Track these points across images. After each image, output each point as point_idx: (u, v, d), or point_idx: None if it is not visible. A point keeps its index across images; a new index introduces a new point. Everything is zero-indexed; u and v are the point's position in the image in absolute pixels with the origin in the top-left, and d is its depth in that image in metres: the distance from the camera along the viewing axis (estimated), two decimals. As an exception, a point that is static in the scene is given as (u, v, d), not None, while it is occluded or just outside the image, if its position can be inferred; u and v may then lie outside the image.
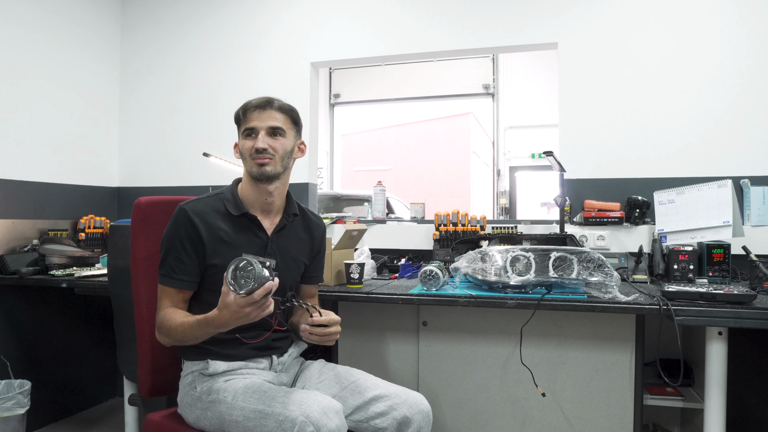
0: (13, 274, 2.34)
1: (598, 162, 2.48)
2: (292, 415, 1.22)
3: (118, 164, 3.23)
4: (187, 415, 1.42)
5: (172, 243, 1.39)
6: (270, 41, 2.98)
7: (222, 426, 1.33)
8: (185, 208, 1.40)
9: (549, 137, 4.21)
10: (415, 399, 1.42)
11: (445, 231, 2.45)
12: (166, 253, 1.40)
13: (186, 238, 1.38)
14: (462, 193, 7.57)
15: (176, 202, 1.58)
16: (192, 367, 1.43)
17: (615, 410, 1.73)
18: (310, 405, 1.23)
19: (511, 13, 2.63)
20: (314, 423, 1.20)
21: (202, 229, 1.39)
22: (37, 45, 2.71)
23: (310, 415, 1.21)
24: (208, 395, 1.36)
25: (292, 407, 1.23)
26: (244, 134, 1.45)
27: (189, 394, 1.41)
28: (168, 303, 1.39)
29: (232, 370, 1.41)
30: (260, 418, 1.26)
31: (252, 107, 1.44)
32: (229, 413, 1.30)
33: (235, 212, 1.44)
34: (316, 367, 1.56)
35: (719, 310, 1.51)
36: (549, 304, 1.64)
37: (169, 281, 1.39)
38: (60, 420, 2.74)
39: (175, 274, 1.38)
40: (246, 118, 1.45)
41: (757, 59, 2.32)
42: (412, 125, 8.32)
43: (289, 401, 1.25)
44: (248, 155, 1.43)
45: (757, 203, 2.24)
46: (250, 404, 1.29)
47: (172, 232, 1.39)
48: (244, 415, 1.28)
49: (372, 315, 1.96)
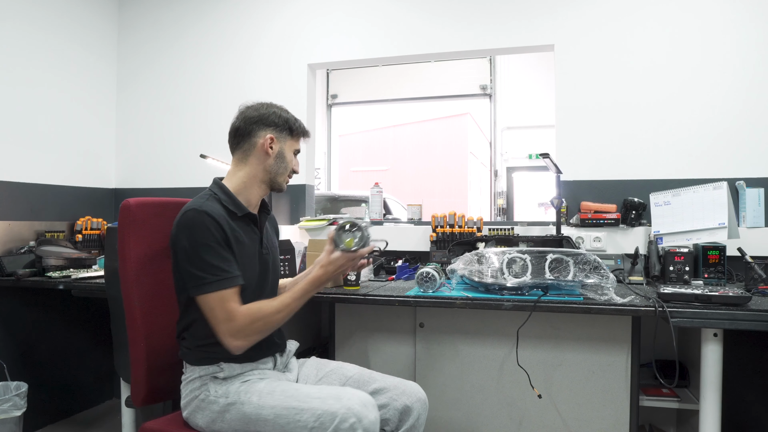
0: (10, 276, 2.34)
1: (595, 163, 2.49)
2: (331, 408, 1.28)
3: (115, 166, 3.23)
4: (196, 419, 1.40)
5: (209, 246, 1.34)
6: (267, 43, 2.98)
7: (246, 427, 1.34)
8: (205, 211, 1.35)
9: (546, 138, 4.21)
10: (413, 388, 1.51)
11: (442, 232, 2.45)
12: (207, 258, 1.33)
13: (220, 238, 1.36)
14: (459, 193, 7.58)
15: (166, 204, 1.57)
16: (200, 372, 1.41)
17: (611, 411, 1.74)
18: (350, 398, 1.30)
19: (508, 15, 2.64)
20: (356, 414, 1.27)
21: (227, 229, 1.38)
22: (34, 45, 2.71)
23: (352, 407, 1.28)
24: (225, 398, 1.36)
25: (330, 401, 1.30)
26: (294, 152, 1.57)
27: (199, 399, 1.39)
28: (236, 304, 1.34)
29: (244, 372, 1.43)
30: (294, 414, 1.30)
31: (306, 134, 1.59)
32: (257, 413, 1.33)
33: (239, 212, 1.45)
34: (313, 364, 1.62)
35: (714, 311, 1.52)
36: (545, 306, 1.64)
37: (228, 282, 1.34)
38: (57, 422, 2.74)
39: (228, 273, 1.34)
40: (299, 138, 1.57)
41: (753, 62, 2.33)
42: (409, 126, 8.32)
43: (326, 396, 1.32)
44: (287, 171, 1.55)
45: (753, 205, 2.25)
46: (281, 402, 1.33)
47: (204, 236, 1.33)
48: (275, 413, 1.31)
49: (369, 317, 1.96)
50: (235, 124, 1.52)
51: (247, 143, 1.50)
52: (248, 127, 1.50)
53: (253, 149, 1.50)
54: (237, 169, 1.51)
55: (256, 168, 1.50)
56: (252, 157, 1.50)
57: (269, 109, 1.53)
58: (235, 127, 1.52)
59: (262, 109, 1.52)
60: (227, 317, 1.32)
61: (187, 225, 1.34)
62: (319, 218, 2.73)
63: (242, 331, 1.33)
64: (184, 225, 1.35)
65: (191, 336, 1.43)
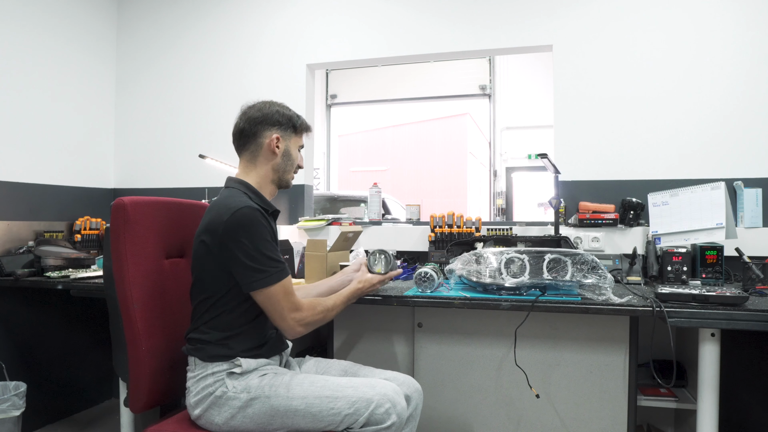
0: (9, 276, 2.34)
1: (593, 164, 2.49)
2: (366, 395, 1.36)
3: (114, 166, 3.23)
4: (211, 416, 1.39)
5: (267, 241, 1.40)
6: (266, 43, 2.98)
7: (271, 420, 1.37)
8: (255, 208, 1.40)
9: (545, 138, 4.22)
10: (410, 380, 1.59)
11: (441, 233, 2.45)
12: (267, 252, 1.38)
13: (271, 233, 1.43)
14: (459, 193, 7.58)
15: (162, 203, 1.56)
16: (213, 368, 1.40)
17: (609, 411, 1.74)
18: (384, 386, 1.39)
19: (507, 15, 2.64)
20: (391, 400, 1.36)
21: (273, 226, 1.48)
22: (33, 46, 2.71)
23: (387, 394, 1.37)
24: (247, 393, 1.37)
25: (364, 389, 1.38)
26: (299, 148, 1.61)
27: (214, 395, 1.39)
28: (296, 295, 1.45)
29: (259, 367, 1.44)
30: (328, 403, 1.36)
31: (309, 129, 1.63)
32: (286, 405, 1.37)
33: (269, 209, 1.50)
34: (312, 362, 1.67)
35: (712, 311, 1.52)
36: (543, 306, 1.64)
37: (285, 272, 1.42)
38: (56, 422, 2.74)
39: (284, 265, 1.43)
40: (302, 134, 1.61)
41: (751, 62, 2.33)
42: (409, 126, 8.33)
43: (359, 384, 1.40)
44: (294, 167, 1.59)
45: (750, 205, 2.25)
46: (312, 392, 1.38)
47: (262, 232, 1.39)
48: (307, 402, 1.36)
49: (367, 316, 1.97)
50: (239, 125, 1.53)
51: (253, 144, 1.52)
52: (253, 128, 1.52)
53: (260, 150, 1.52)
54: (248, 170, 1.54)
55: (265, 168, 1.54)
56: (260, 158, 1.53)
57: (271, 107, 1.54)
58: (239, 128, 1.53)
59: (265, 109, 1.53)
60: (293, 307, 1.42)
61: (243, 223, 1.36)
62: (318, 218, 2.73)
63: (306, 319, 1.44)
64: (240, 223, 1.36)
65: (214, 329, 1.42)
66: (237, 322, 1.42)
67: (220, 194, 1.50)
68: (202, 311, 1.44)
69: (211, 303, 1.42)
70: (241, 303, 1.42)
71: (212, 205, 1.45)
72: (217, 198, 1.49)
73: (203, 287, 1.43)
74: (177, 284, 1.59)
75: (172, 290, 1.57)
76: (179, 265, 1.63)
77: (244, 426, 1.38)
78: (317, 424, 1.36)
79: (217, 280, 1.41)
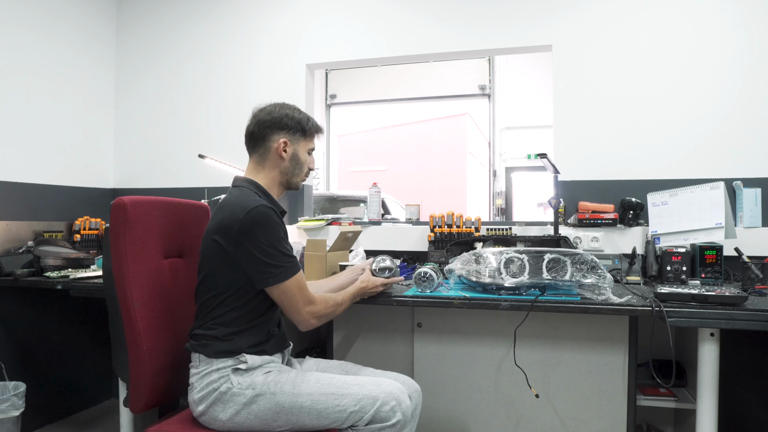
0: (8, 276, 2.33)
1: (593, 164, 2.49)
2: (372, 393, 1.38)
3: (114, 166, 3.23)
4: (215, 413, 1.39)
5: (281, 238, 1.44)
6: (265, 42, 2.98)
7: (275, 417, 1.38)
8: (269, 206, 1.43)
9: (545, 138, 4.22)
10: (409, 380, 1.61)
11: (440, 232, 2.45)
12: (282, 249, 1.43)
13: (283, 233, 1.46)
14: (458, 193, 7.58)
15: (162, 203, 1.56)
16: (218, 364, 1.41)
17: (608, 411, 1.74)
18: (389, 384, 1.42)
19: (507, 15, 2.64)
20: (396, 398, 1.39)
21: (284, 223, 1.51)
22: (32, 46, 2.71)
23: (392, 392, 1.39)
24: (252, 389, 1.39)
25: (370, 387, 1.40)
26: (309, 150, 1.62)
27: (219, 391, 1.39)
28: (308, 287, 1.48)
29: (264, 364, 1.45)
30: (333, 400, 1.37)
31: (320, 131, 1.64)
32: (292, 401, 1.38)
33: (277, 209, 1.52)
34: (312, 363, 1.67)
35: (711, 311, 1.52)
36: (543, 306, 1.64)
37: (298, 267, 1.46)
38: (55, 422, 2.74)
39: (296, 260, 1.47)
40: (312, 137, 1.62)
41: (750, 62, 2.34)
42: (408, 126, 8.33)
43: (365, 382, 1.42)
44: (303, 171, 1.61)
45: (750, 205, 2.25)
46: (318, 389, 1.39)
47: (277, 230, 1.43)
48: (313, 399, 1.38)
49: (367, 316, 1.97)
50: (250, 128, 1.57)
51: (262, 147, 1.55)
52: (262, 131, 1.54)
53: (268, 153, 1.55)
54: (256, 171, 1.56)
55: (273, 170, 1.56)
56: (269, 161, 1.55)
57: (282, 111, 1.56)
58: (249, 131, 1.57)
59: (275, 112, 1.55)
60: (307, 300, 1.47)
61: (259, 221, 1.40)
62: (318, 218, 2.73)
63: (319, 312, 1.49)
64: (257, 221, 1.39)
65: (221, 326, 1.42)
66: (244, 319, 1.44)
67: (230, 193, 1.51)
68: (209, 308, 1.44)
69: (220, 300, 1.43)
70: (251, 300, 1.44)
71: (223, 203, 1.46)
72: (227, 197, 1.50)
73: (212, 285, 1.44)
74: (177, 284, 1.59)
75: (172, 290, 1.57)
76: (179, 265, 1.63)
77: (248, 422, 1.38)
78: (322, 421, 1.38)
79: (228, 277, 1.42)
